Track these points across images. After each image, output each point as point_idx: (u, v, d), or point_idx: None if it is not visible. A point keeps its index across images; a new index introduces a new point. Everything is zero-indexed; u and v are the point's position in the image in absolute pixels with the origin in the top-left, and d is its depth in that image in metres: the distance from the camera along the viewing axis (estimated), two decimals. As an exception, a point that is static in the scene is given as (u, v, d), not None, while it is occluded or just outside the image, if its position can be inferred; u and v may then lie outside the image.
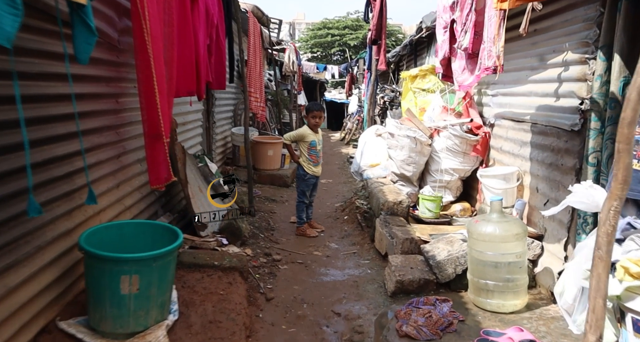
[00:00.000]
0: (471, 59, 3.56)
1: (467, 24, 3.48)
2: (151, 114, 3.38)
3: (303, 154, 5.67)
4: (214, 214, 5.14)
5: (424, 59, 8.98)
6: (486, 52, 3.26)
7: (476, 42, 3.49)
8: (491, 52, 3.23)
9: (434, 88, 6.29)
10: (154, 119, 3.39)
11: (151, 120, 3.40)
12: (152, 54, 3.22)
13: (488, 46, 3.24)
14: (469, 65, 3.59)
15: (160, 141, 3.50)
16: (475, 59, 3.48)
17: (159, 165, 3.63)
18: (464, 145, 5.40)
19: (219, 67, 5.60)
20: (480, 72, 3.33)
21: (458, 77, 3.71)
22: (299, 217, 5.82)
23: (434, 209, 5.23)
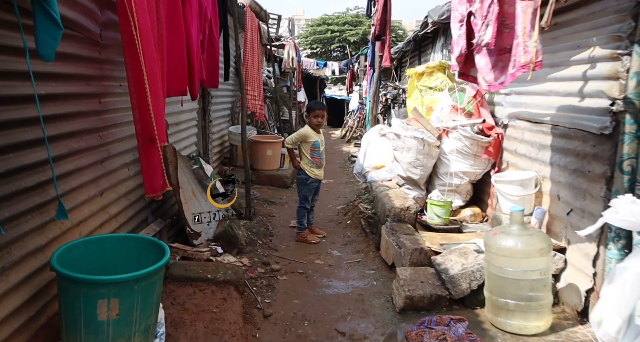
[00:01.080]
0: (501, 55, 3.21)
1: (489, 17, 3.14)
2: (143, 115, 3.08)
3: (305, 156, 5.34)
4: (207, 219, 4.83)
5: (429, 55, 8.64)
6: (521, 47, 2.92)
7: (506, 36, 3.13)
8: (527, 47, 2.89)
9: (442, 86, 5.96)
10: (146, 121, 3.10)
11: (143, 122, 3.11)
12: (142, 50, 2.90)
13: (523, 40, 2.90)
14: (500, 63, 3.25)
15: (154, 145, 3.20)
16: (507, 55, 3.14)
17: (155, 171, 3.33)
18: (474, 147, 5.07)
19: (211, 64, 5.27)
20: (516, 70, 2.99)
21: (486, 76, 3.37)
22: (299, 222, 5.50)
23: (443, 215, 4.91)
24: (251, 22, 7.05)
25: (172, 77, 3.81)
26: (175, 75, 3.84)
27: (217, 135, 8.23)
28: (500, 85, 3.31)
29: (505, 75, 3.18)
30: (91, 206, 3.25)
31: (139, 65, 2.90)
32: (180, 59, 3.86)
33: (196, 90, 4.39)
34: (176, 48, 3.78)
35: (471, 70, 3.75)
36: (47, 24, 2.00)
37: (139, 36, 2.84)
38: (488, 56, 3.31)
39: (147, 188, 3.42)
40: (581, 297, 3.23)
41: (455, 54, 3.85)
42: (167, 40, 3.56)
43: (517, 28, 2.95)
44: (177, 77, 3.86)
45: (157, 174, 3.35)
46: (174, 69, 3.82)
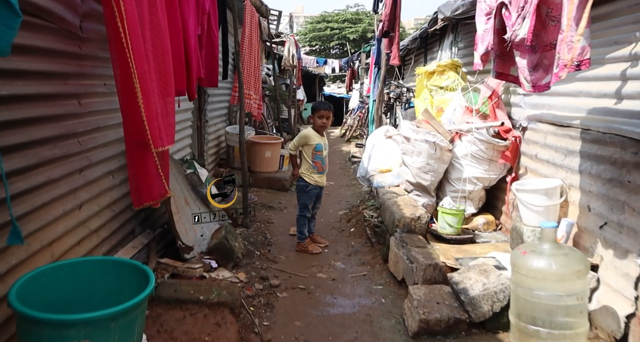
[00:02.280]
0: (546, 51, 2.82)
1: (527, 8, 2.76)
2: (132, 117, 2.73)
3: (305, 161, 4.96)
4: (201, 232, 4.46)
5: (435, 53, 8.25)
6: (565, 43, 2.54)
7: (552, 30, 2.72)
8: (572, 43, 2.51)
9: (454, 86, 5.59)
10: (136, 124, 2.75)
11: (133, 125, 2.75)
12: (131, 44, 2.55)
13: (569, 35, 2.52)
14: (545, 60, 2.86)
15: (147, 151, 2.84)
16: (553, 51, 2.75)
17: (149, 179, 2.96)
18: (490, 151, 4.70)
19: (210, 62, 4.89)
20: (559, 70, 2.60)
21: (528, 76, 2.98)
22: (299, 232, 5.12)
23: (456, 225, 4.54)
24: (251, 17, 6.67)
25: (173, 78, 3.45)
26: (174, 74, 3.47)
27: (213, 136, 7.86)
28: (546, 87, 2.93)
29: (551, 75, 2.79)
30: (67, 221, 2.88)
31: (126, 61, 2.54)
32: (178, 55, 3.49)
33: (194, 90, 4.03)
34: (173, 42, 3.41)
35: (511, 69, 3.36)
36: (1, 10, 1.64)
37: (126, 28, 2.48)
38: (529, 53, 2.92)
39: (135, 198, 3.06)
40: (619, 322, 2.88)
41: (480, 51, 3.47)
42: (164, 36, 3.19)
43: (562, 20, 2.57)
44: (175, 75, 3.48)
45: (152, 182, 3.00)
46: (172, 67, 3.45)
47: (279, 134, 10.35)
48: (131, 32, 2.49)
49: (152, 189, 3.03)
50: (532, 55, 3.01)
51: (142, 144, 2.74)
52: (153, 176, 2.96)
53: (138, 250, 3.87)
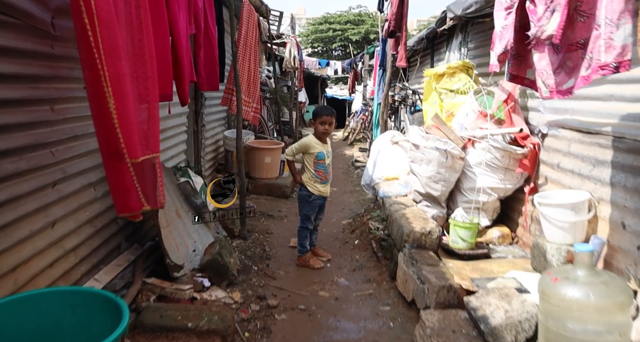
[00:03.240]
0: (571, 52, 2.46)
1: (556, 0, 2.41)
2: (104, 125, 2.40)
3: (308, 170, 4.62)
4: (194, 247, 4.12)
5: (442, 54, 7.91)
6: (602, 41, 2.19)
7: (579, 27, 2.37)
8: (612, 41, 2.16)
9: (465, 89, 5.23)
10: (108, 133, 2.41)
11: (104, 134, 2.43)
12: (101, 43, 2.21)
13: (607, 32, 2.17)
14: (568, 62, 2.50)
15: (121, 162, 2.50)
16: (578, 52, 2.40)
17: (126, 191, 2.62)
18: (506, 159, 4.35)
19: (210, 64, 4.56)
20: (592, 72, 2.26)
21: (547, 79, 2.63)
22: (300, 245, 4.78)
23: (469, 239, 4.19)
24: (248, 15, 6.33)
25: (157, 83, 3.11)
26: (159, 77, 3.13)
27: (211, 141, 7.52)
28: (568, 92, 2.57)
29: (575, 79, 2.44)
30: (36, 242, 2.55)
31: (95, 63, 2.20)
32: (163, 55, 3.14)
33: (186, 94, 3.69)
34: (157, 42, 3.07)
35: (527, 71, 3.02)
36: None
37: (95, 24, 2.15)
38: (551, 54, 2.58)
39: (118, 207, 2.73)
40: (663, 359, 2.52)
41: (498, 50, 3.13)
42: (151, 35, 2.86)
43: (597, 15, 2.22)
44: (160, 79, 3.14)
45: (129, 196, 2.65)
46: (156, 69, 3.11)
47: (279, 137, 10.01)
48: (102, 29, 2.16)
49: (129, 202, 2.69)
50: (553, 56, 2.66)
51: (115, 154, 2.41)
52: (129, 188, 2.62)
53: (123, 268, 3.54)
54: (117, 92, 2.30)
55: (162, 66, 3.12)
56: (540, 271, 3.50)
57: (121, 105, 2.33)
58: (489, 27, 5.35)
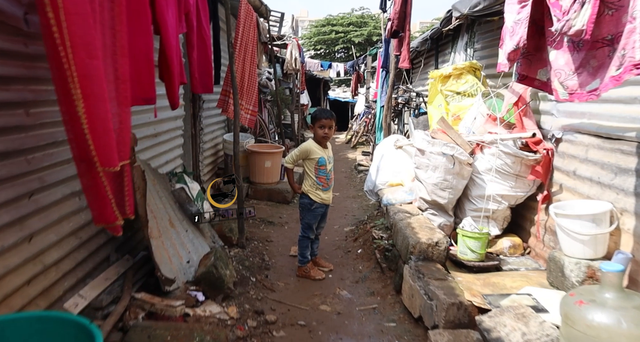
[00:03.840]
0: (595, 49, 2.23)
1: (587, -10, 2.18)
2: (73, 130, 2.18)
3: (309, 176, 4.39)
4: (188, 258, 3.89)
5: (447, 55, 7.69)
6: (637, 36, 1.95)
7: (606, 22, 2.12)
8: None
9: (473, 91, 5.01)
10: (77, 137, 2.19)
11: (74, 139, 2.21)
12: (69, 38, 1.99)
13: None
14: (593, 60, 2.26)
15: (92, 170, 2.28)
16: (604, 49, 2.16)
17: (100, 201, 2.40)
18: (517, 165, 4.12)
19: (204, 65, 4.34)
20: (623, 71, 2.02)
21: (566, 80, 2.41)
22: (301, 255, 4.55)
23: (479, 250, 3.96)
24: (246, 14, 6.11)
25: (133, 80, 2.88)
26: (138, 78, 2.90)
27: (209, 145, 7.30)
28: (592, 95, 2.34)
29: (601, 79, 2.21)
30: (9, 258, 2.33)
31: (60, 61, 1.98)
32: (144, 54, 2.92)
33: (176, 97, 3.46)
34: (138, 40, 2.84)
35: (538, 72, 2.79)
36: None
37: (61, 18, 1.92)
38: (571, 51, 2.35)
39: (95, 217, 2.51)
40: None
41: (508, 47, 2.89)
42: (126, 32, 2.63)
43: (631, 6, 1.99)
44: (139, 79, 2.92)
45: (104, 206, 2.43)
46: (136, 69, 2.88)
47: (280, 141, 9.79)
48: (70, 24, 1.94)
49: (105, 212, 2.47)
50: (574, 54, 2.44)
51: (86, 162, 2.19)
52: (102, 197, 2.39)
53: (112, 282, 3.32)
54: (87, 94, 2.08)
55: (143, 66, 2.90)
56: (558, 286, 3.26)
57: (92, 108, 2.11)
58: (497, 26, 5.12)
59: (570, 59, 2.39)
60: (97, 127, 2.22)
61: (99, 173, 2.31)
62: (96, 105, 2.20)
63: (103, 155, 2.28)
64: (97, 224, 2.45)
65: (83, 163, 2.28)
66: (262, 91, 10.78)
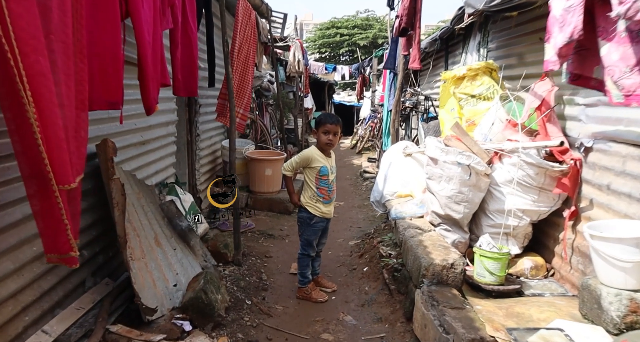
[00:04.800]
0: None
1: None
2: (23, 141, 1.80)
3: (309, 187, 3.99)
4: (175, 281, 3.50)
5: (458, 56, 7.28)
6: None
7: None
8: None
9: (489, 94, 4.60)
10: (29, 151, 1.82)
11: (25, 151, 1.83)
12: (13, 29, 1.62)
13: None
14: None
15: (46, 188, 1.91)
16: None
17: (54, 226, 2.03)
18: (541, 177, 3.71)
19: (188, 65, 3.94)
20: None
21: (621, 79, 2.02)
22: (301, 275, 4.15)
23: (498, 272, 3.54)
24: (244, 13, 5.74)
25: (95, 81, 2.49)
26: (101, 78, 2.51)
27: (207, 152, 6.92)
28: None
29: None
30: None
31: (5, 56, 1.60)
32: (111, 52, 2.53)
33: (151, 101, 3.06)
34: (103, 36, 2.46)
35: (594, 69, 2.38)
36: None
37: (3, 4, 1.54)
38: (629, 43, 1.95)
39: (46, 245, 2.12)
40: None
41: (559, 41, 2.47)
42: (86, 25, 2.24)
43: None
44: (103, 80, 2.53)
45: (58, 233, 2.05)
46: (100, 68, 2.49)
47: (283, 147, 9.40)
48: (13, 12, 1.55)
49: (57, 242, 2.08)
50: (632, 46, 2.03)
51: (38, 178, 1.81)
52: (57, 224, 2.01)
53: (85, 311, 2.94)
54: (39, 96, 1.70)
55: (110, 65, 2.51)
56: (593, 320, 2.84)
57: (45, 114, 1.73)
58: (516, 23, 4.72)
59: (626, 53, 1.99)
60: (52, 137, 1.85)
61: (54, 192, 1.93)
62: (50, 110, 1.82)
63: (59, 171, 1.91)
64: (49, 254, 2.06)
65: (34, 181, 1.91)
66: (264, 95, 10.41)
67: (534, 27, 4.49)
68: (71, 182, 1.99)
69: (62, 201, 1.95)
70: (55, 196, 1.94)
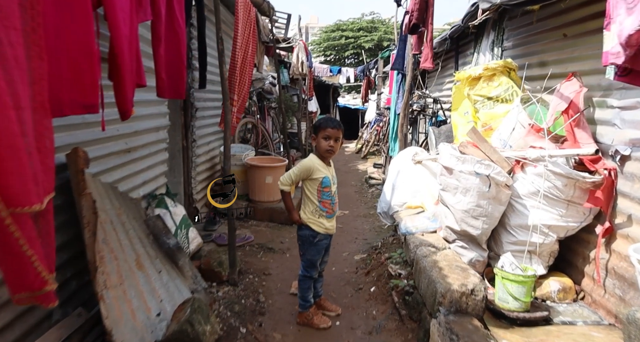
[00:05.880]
0: None
1: None
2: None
3: (310, 202, 3.57)
4: (158, 309, 3.11)
5: (468, 57, 6.86)
6: None
7: None
8: None
9: (508, 96, 4.18)
10: None
11: None
12: None
13: None
14: None
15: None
16: None
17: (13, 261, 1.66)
18: (570, 189, 3.30)
19: (174, 63, 3.54)
20: None
21: None
22: (302, 298, 3.74)
23: (523, 297, 3.14)
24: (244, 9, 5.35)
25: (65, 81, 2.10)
26: (71, 79, 2.13)
27: (204, 158, 6.54)
28: None
29: None
30: None
31: None
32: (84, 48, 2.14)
33: (127, 103, 2.67)
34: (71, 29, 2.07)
35: None
36: None
37: None
38: None
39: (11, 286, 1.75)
40: None
41: (628, 27, 2.02)
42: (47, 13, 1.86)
43: None
44: (73, 80, 2.14)
45: (21, 268, 1.67)
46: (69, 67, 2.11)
47: (285, 153, 9.00)
48: None
49: (25, 277, 1.71)
50: None
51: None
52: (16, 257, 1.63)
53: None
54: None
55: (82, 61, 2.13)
56: (643, 361, 2.43)
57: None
58: (537, 18, 4.30)
59: None
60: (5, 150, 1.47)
61: (4, 220, 1.55)
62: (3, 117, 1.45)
63: (14, 189, 1.52)
64: (16, 294, 1.69)
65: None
66: (266, 98, 10.04)
67: (558, 22, 4.09)
68: (34, 203, 1.61)
69: (22, 227, 1.57)
70: (7, 224, 1.55)
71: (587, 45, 3.64)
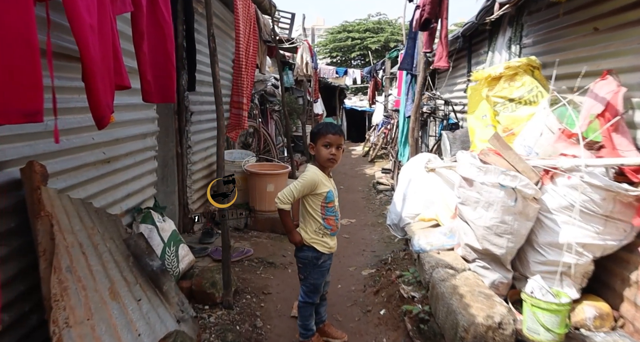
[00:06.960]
0: None
1: None
2: None
3: (312, 219, 3.14)
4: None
5: (482, 56, 6.43)
6: None
7: None
8: None
9: (532, 97, 3.74)
10: None
11: None
12: None
13: None
14: None
15: None
16: None
17: None
18: (609, 203, 2.87)
19: (160, 63, 3.15)
20: None
21: None
22: (303, 326, 3.32)
23: (556, 328, 2.71)
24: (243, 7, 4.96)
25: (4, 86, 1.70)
26: (7, 80, 1.72)
27: (201, 165, 6.14)
28: None
29: None
30: None
31: None
32: (19, 41, 1.74)
33: (101, 108, 2.26)
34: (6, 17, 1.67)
35: None
36: None
37: None
38: None
39: None
40: None
41: None
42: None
43: None
44: (11, 83, 1.73)
45: None
46: (9, 70, 1.70)
47: (288, 158, 8.59)
48: None
49: None
50: None
51: None
52: None
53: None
54: None
55: (17, 58, 1.72)
56: None
57: None
58: (565, 10, 3.86)
59: None
60: None
61: None
62: None
63: None
64: None
65: None
66: (269, 100, 9.65)
67: (587, 14, 3.66)
68: None
69: None
70: None
71: (625, 40, 3.20)
